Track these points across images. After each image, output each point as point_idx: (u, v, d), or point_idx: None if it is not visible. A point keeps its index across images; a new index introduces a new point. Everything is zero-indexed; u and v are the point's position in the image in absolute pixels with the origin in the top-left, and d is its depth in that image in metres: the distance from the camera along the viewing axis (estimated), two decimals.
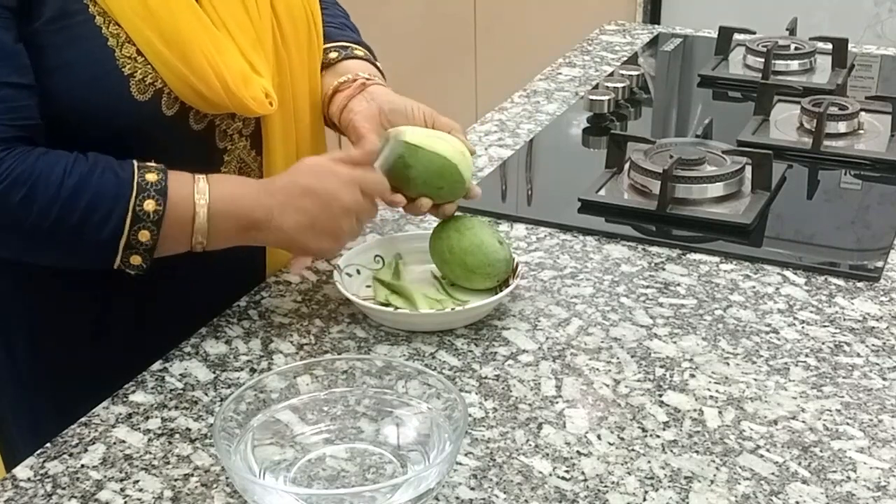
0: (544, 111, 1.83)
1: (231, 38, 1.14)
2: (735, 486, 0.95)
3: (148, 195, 1.06)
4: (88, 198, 1.04)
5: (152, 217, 1.06)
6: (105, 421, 1.05)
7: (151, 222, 1.06)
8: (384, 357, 1.12)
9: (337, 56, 1.32)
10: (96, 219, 1.05)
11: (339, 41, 1.34)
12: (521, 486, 0.95)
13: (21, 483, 0.96)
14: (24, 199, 1.02)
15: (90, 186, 1.04)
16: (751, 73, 1.95)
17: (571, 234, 1.40)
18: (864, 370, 1.11)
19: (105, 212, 1.05)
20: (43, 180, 1.03)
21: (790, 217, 1.47)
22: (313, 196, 1.13)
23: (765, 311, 1.22)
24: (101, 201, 1.05)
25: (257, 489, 0.90)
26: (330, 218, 1.14)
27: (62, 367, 1.23)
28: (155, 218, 1.06)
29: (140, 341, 1.18)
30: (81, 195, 1.04)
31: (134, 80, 1.09)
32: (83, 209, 1.04)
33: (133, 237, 1.06)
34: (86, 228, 1.04)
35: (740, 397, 1.07)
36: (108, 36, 1.08)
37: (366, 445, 0.99)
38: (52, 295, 1.20)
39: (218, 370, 1.12)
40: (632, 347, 1.15)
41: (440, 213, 1.24)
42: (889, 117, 1.66)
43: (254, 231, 1.13)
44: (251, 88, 1.14)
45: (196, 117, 1.15)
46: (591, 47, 2.17)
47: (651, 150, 1.52)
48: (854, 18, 2.87)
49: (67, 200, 1.03)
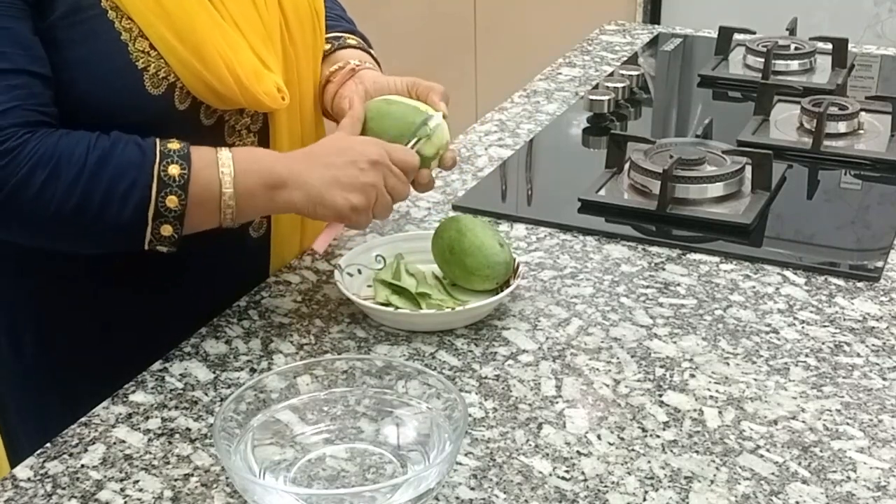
0: (544, 111, 1.83)
1: (242, 35, 1.15)
2: (735, 486, 0.95)
3: (171, 160, 1.06)
4: (112, 169, 1.04)
5: (178, 181, 1.06)
6: (105, 421, 1.05)
7: (178, 186, 1.06)
8: (384, 357, 1.12)
9: (330, 47, 1.33)
10: (122, 189, 1.05)
11: (332, 32, 1.35)
12: (521, 486, 0.95)
13: (21, 483, 0.96)
14: (48, 179, 1.03)
15: (113, 158, 1.05)
16: (751, 73, 1.95)
17: (571, 234, 1.40)
18: (864, 370, 1.11)
19: (130, 180, 1.05)
20: (66, 158, 1.04)
21: (790, 217, 1.47)
22: (339, 152, 1.14)
23: (765, 311, 1.22)
24: (126, 170, 1.05)
25: (257, 489, 0.90)
26: (357, 171, 1.13)
27: (70, 367, 1.23)
28: (181, 182, 1.06)
29: (148, 340, 1.17)
30: (105, 168, 1.04)
31: (147, 75, 1.09)
32: (108, 181, 1.04)
33: (161, 204, 1.06)
34: (113, 200, 1.04)
35: (740, 397, 1.07)
36: (122, 30, 1.08)
37: (366, 445, 0.99)
38: (59, 294, 1.21)
39: (218, 370, 1.12)
40: (632, 347, 1.15)
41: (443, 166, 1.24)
42: (889, 117, 1.66)
43: (279, 189, 1.11)
44: (263, 83, 1.15)
45: (206, 112, 1.16)
46: (591, 47, 2.17)
47: (651, 150, 1.52)
48: (854, 18, 2.87)
49: (92, 175, 1.04)
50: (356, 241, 1.36)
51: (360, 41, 1.37)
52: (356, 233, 1.39)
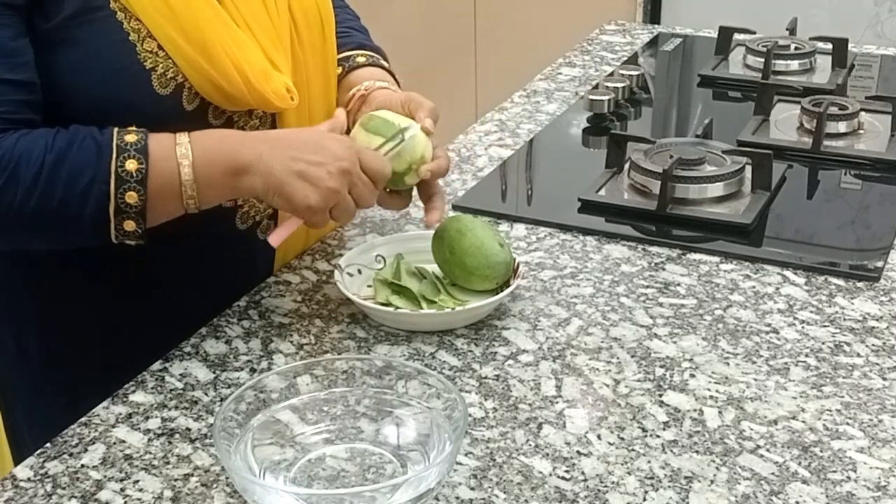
0: (544, 111, 1.83)
1: (252, 36, 1.15)
2: (735, 486, 0.95)
3: (129, 155, 1.05)
4: (69, 168, 1.04)
5: (136, 176, 1.05)
6: (105, 421, 1.05)
7: (136, 182, 1.05)
8: (384, 357, 1.12)
9: (341, 71, 1.33)
10: (80, 187, 1.04)
11: (343, 51, 1.34)
12: (521, 486, 0.95)
13: (21, 483, 0.96)
14: (7, 182, 1.03)
15: (70, 156, 1.04)
16: (751, 73, 1.95)
17: (571, 234, 1.40)
18: (864, 370, 1.11)
19: (88, 178, 1.04)
20: (24, 160, 1.03)
21: (790, 217, 1.47)
22: (311, 148, 1.11)
23: (765, 311, 1.22)
24: (83, 169, 1.04)
25: (257, 489, 0.90)
26: (323, 174, 1.09)
27: (76, 369, 1.23)
28: (139, 177, 1.05)
29: (151, 340, 1.17)
30: (62, 167, 1.04)
31: (156, 75, 1.09)
32: (66, 180, 1.04)
33: (121, 200, 1.05)
34: (72, 199, 1.04)
35: (740, 397, 1.07)
36: (130, 31, 1.08)
37: (366, 445, 0.99)
38: (61, 295, 1.21)
39: (218, 370, 1.12)
40: (632, 347, 1.15)
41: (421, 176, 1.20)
42: (889, 117, 1.66)
43: (241, 175, 1.09)
44: (272, 83, 1.15)
45: (215, 113, 1.15)
46: (591, 47, 2.17)
47: (651, 150, 1.52)
48: (854, 18, 2.87)
49: (50, 175, 1.03)
50: (356, 240, 1.36)
51: (371, 55, 1.36)
52: (356, 233, 1.39)
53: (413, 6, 3.43)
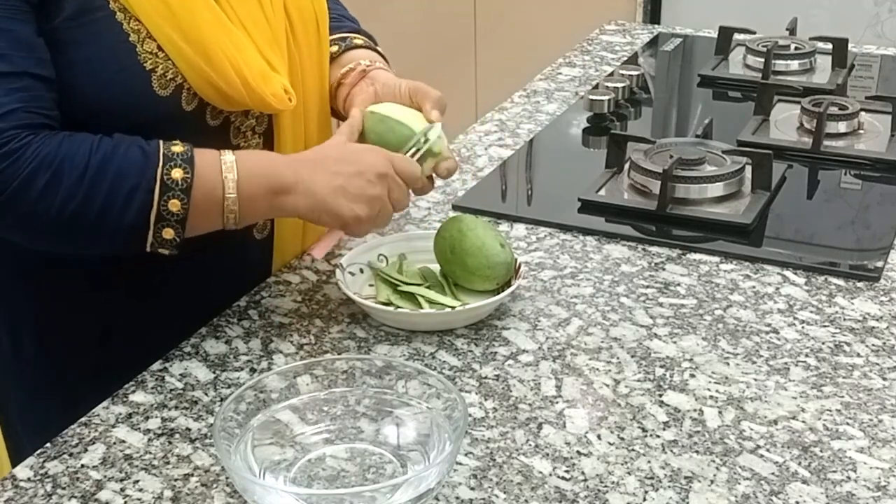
0: (544, 111, 1.83)
1: (249, 37, 1.15)
2: (735, 486, 0.95)
3: (175, 164, 1.06)
4: (115, 172, 1.04)
5: (181, 185, 1.06)
6: (105, 421, 1.05)
7: (180, 190, 1.06)
8: (384, 357, 1.12)
9: (338, 49, 1.33)
10: (125, 191, 1.04)
11: (338, 34, 1.35)
12: (521, 486, 0.95)
13: (21, 483, 0.96)
14: (51, 181, 1.03)
15: (116, 160, 1.05)
16: (751, 73, 1.95)
17: (571, 234, 1.40)
18: (864, 370, 1.11)
19: (133, 183, 1.05)
20: (68, 161, 1.03)
21: (790, 217, 1.47)
22: (346, 161, 1.14)
23: (765, 311, 1.22)
24: (129, 173, 1.05)
25: (257, 489, 0.90)
26: (364, 183, 1.13)
27: (72, 368, 1.23)
28: (184, 186, 1.06)
29: (148, 341, 1.17)
30: (108, 170, 1.04)
31: (155, 76, 1.09)
32: (110, 184, 1.04)
33: (163, 207, 1.05)
34: (115, 203, 1.04)
35: (740, 397, 1.07)
36: (130, 31, 1.08)
37: (366, 445, 0.99)
38: (59, 295, 1.21)
39: (218, 370, 1.12)
40: (632, 347, 1.15)
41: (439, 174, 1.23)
42: (889, 117, 1.66)
43: (284, 195, 1.11)
44: (270, 85, 1.15)
45: (213, 113, 1.16)
46: (591, 47, 2.17)
47: (651, 150, 1.52)
48: (854, 18, 2.87)
49: (95, 178, 1.03)
50: (357, 240, 1.36)
51: (367, 40, 1.37)
52: None
53: (413, 6, 3.43)
